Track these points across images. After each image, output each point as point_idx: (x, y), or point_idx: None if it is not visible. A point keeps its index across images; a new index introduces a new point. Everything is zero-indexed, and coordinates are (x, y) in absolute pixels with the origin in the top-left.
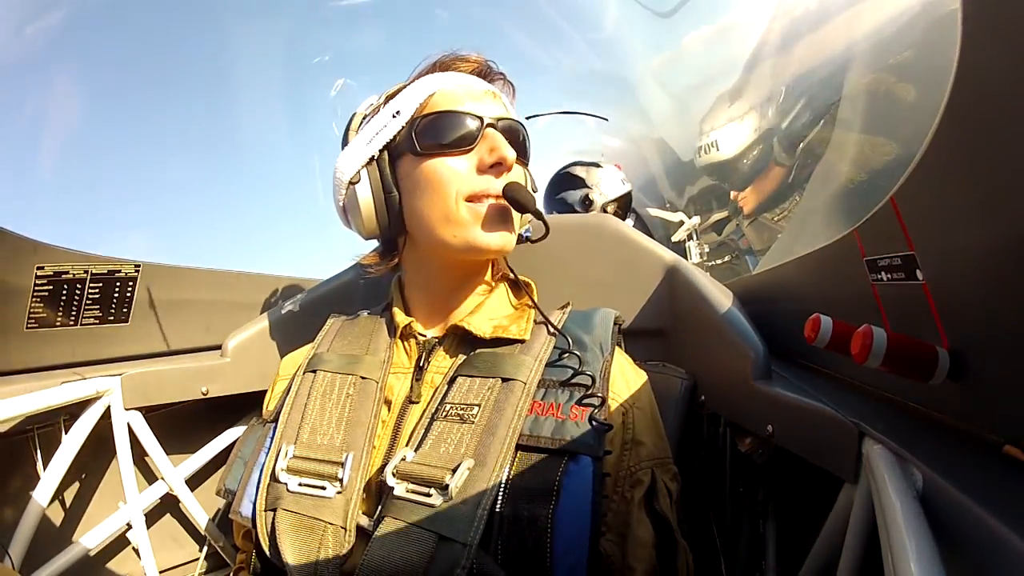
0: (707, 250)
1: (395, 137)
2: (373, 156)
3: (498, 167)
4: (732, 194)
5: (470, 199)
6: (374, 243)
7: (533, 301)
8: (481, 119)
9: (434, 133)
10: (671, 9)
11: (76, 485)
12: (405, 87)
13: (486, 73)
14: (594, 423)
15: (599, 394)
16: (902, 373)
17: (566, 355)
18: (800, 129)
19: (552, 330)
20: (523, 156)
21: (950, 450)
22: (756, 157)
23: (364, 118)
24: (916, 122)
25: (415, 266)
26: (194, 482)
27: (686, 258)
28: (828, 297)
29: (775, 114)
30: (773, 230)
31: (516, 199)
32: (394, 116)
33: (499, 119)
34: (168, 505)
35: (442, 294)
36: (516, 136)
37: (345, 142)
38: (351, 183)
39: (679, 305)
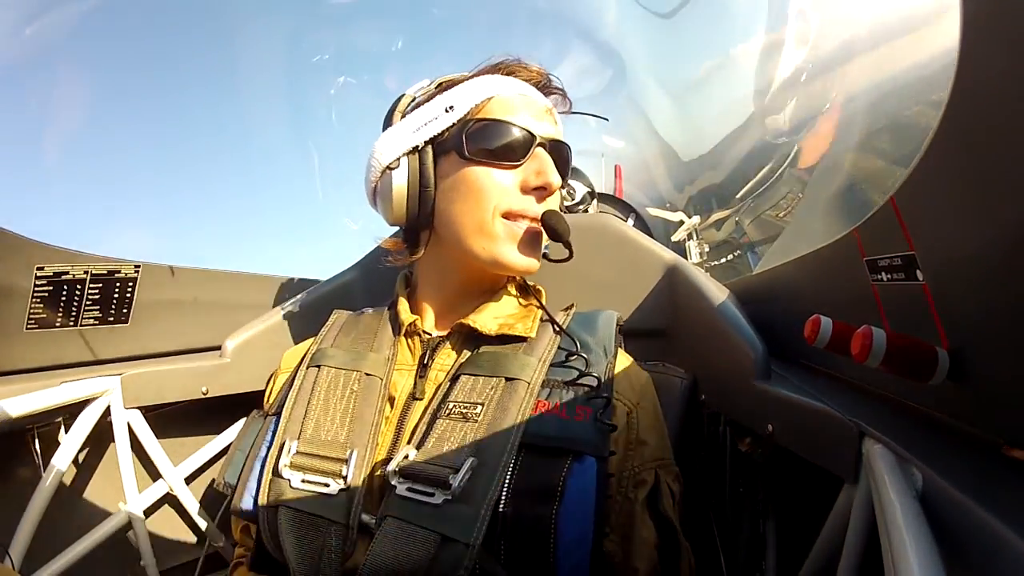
0: (707, 250)
1: (444, 133)
2: (417, 146)
3: (541, 191)
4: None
5: (507, 216)
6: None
7: (541, 303)
8: (534, 136)
9: (485, 139)
10: (671, 9)
11: (76, 485)
12: (461, 82)
13: (546, 86)
14: (598, 423)
15: (603, 394)
16: (902, 373)
17: (571, 355)
18: None
19: (557, 328)
20: (565, 179)
21: (950, 450)
22: None
23: (412, 101)
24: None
25: (433, 264)
26: (194, 482)
27: (686, 258)
28: (828, 297)
29: None
30: (775, 226)
31: (555, 228)
32: (447, 111)
33: (551, 139)
34: (168, 505)
35: (453, 295)
36: (564, 159)
37: (388, 123)
38: (389, 168)
39: (679, 305)
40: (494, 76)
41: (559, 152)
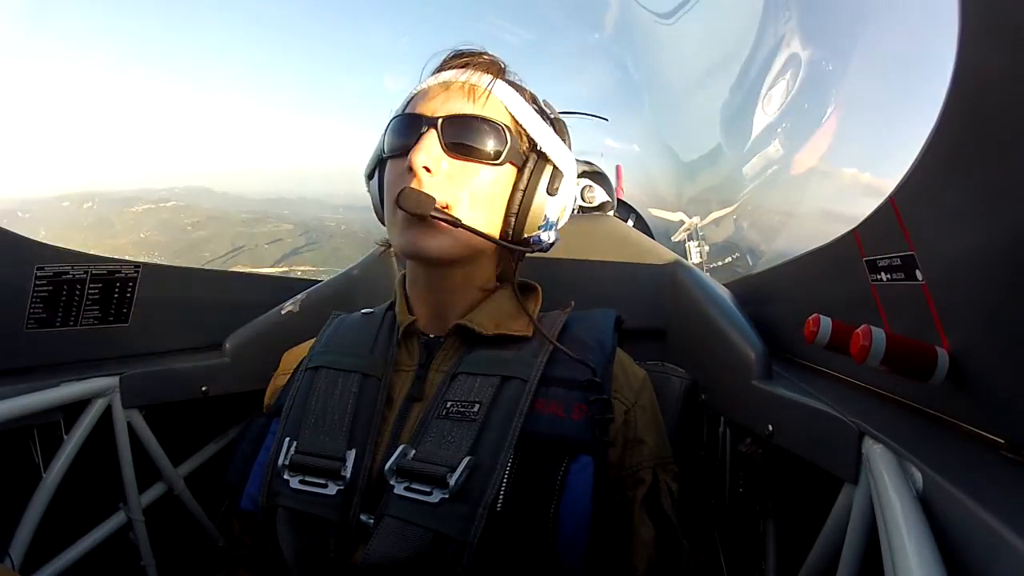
0: (707, 250)
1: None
2: (378, 156)
3: (411, 173)
4: None
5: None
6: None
7: (529, 314)
8: (421, 120)
9: (390, 135)
10: (671, 10)
11: (76, 485)
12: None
13: (467, 66)
14: (595, 422)
15: (601, 393)
16: (901, 373)
17: (568, 354)
18: None
19: (548, 336)
20: (470, 150)
21: (950, 450)
22: None
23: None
24: None
25: (408, 265)
26: (194, 481)
27: (686, 258)
28: (828, 297)
29: None
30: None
31: (403, 208)
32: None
33: (447, 116)
34: (168, 505)
35: (437, 293)
36: (460, 130)
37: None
38: (367, 178)
39: (679, 305)
40: (431, 75)
41: (454, 126)
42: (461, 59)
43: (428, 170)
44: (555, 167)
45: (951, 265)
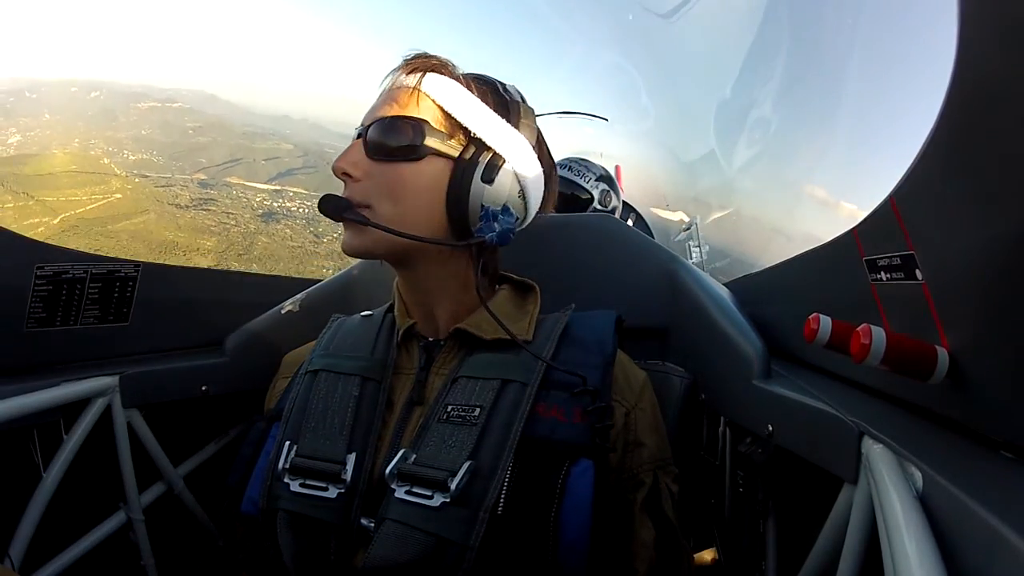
0: (707, 249)
1: None
2: None
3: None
4: None
5: None
6: None
7: (508, 331)
8: (358, 130)
9: None
10: (671, 10)
11: (76, 485)
12: None
13: (407, 68)
14: (596, 425)
15: (601, 396)
16: (901, 372)
17: (568, 357)
18: None
19: (541, 356)
20: (387, 152)
21: (950, 450)
22: None
23: None
24: None
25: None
26: (194, 481)
27: (686, 258)
28: (827, 296)
29: None
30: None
31: (321, 212)
32: None
33: (373, 121)
34: (168, 505)
35: (414, 293)
36: (380, 132)
37: None
38: None
39: (679, 305)
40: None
41: (376, 130)
42: (400, 65)
43: (348, 175)
44: (494, 154)
45: (951, 265)
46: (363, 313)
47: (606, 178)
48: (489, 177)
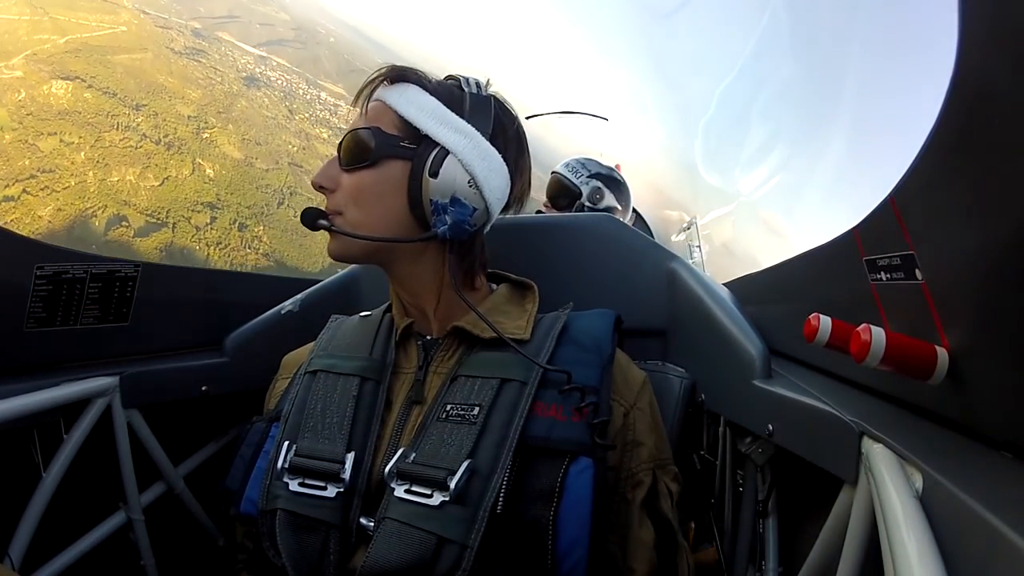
0: (707, 249)
1: None
2: None
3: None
4: None
5: None
6: None
7: (495, 329)
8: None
9: None
10: (671, 10)
11: (76, 485)
12: None
13: (371, 84)
14: (595, 424)
15: (600, 395)
16: (901, 372)
17: (567, 356)
18: None
19: (537, 362)
20: (356, 163)
21: (950, 450)
22: None
23: None
24: None
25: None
26: (194, 481)
27: (686, 258)
28: (827, 296)
29: None
30: None
31: (302, 222)
32: None
33: (342, 139)
34: (168, 505)
35: (402, 293)
36: (346, 145)
37: None
38: None
39: (679, 305)
40: None
41: (344, 144)
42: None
43: (324, 188)
44: (439, 147)
45: (951, 264)
46: (362, 313)
47: (603, 177)
48: (434, 171)
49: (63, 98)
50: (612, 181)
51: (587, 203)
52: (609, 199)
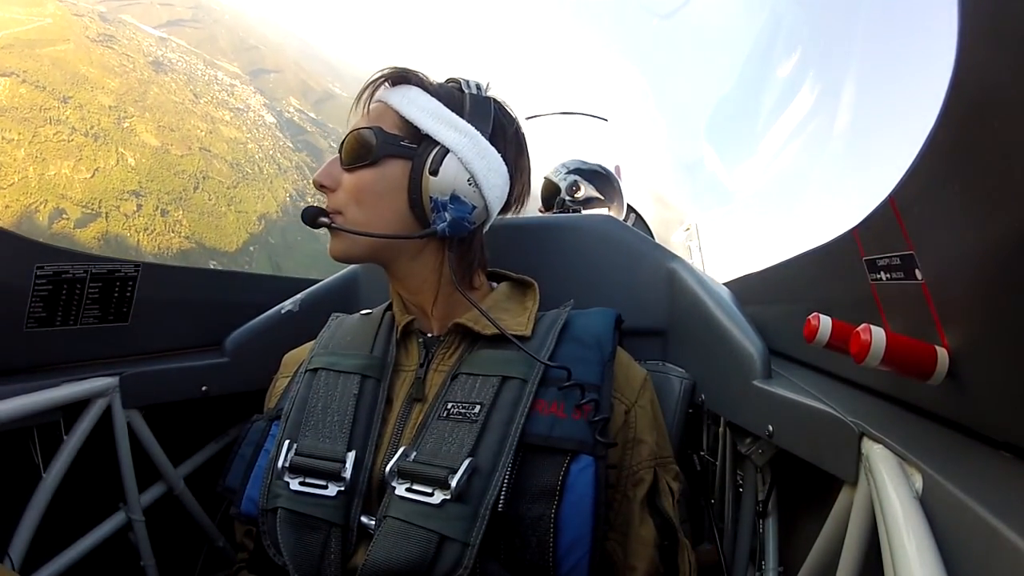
0: (708, 250)
1: None
2: None
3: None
4: None
5: None
6: None
7: (497, 325)
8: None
9: None
10: (671, 10)
11: (76, 485)
12: None
13: (372, 86)
14: (596, 422)
15: (601, 393)
16: (901, 372)
17: (568, 354)
18: None
19: (538, 358)
20: (356, 163)
21: (950, 450)
22: None
23: None
24: None
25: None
26: (194, 481)
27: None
28: (827, 296)
29: None
30: None
31: (303, 220)
32: None
33: (343, 138)
34: (168, 505)
35: (401, 291)
36: (346, 146)
37: None
38: None
39: (679, 305)
40: None
41: (344, 144)
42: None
43: (324, 187)
44: (439, 145)
45: (951, 264)
46: (362, 312)
47: (583, 171)
48: (435, 169)
49: (1, 95)
50: (594, 175)
51: (566, 197)
52: (588, 190)
